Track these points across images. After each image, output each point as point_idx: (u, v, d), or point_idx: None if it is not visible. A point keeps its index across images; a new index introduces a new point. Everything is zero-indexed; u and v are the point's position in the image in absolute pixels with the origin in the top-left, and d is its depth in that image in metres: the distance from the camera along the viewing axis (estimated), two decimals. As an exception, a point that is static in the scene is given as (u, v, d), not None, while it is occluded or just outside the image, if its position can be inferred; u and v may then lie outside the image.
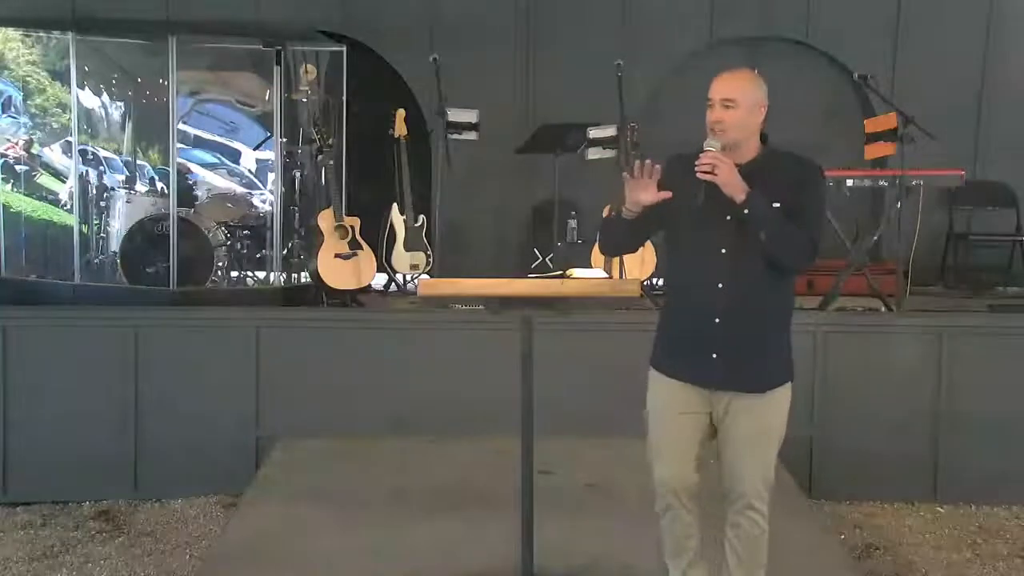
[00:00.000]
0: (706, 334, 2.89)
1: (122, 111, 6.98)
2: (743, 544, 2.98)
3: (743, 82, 2.95)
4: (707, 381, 2.92)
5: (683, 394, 2.95)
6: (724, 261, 2.87)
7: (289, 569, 3.70)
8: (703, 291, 2.89)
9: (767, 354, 2.94)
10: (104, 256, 6.46)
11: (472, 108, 6.28)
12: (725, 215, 2.86)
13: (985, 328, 5.28)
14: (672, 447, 2.97)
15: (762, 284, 2.89)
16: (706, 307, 2.88)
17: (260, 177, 7.20)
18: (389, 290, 6.61)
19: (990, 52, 7.30)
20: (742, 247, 2.85)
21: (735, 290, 2.86)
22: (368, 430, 5.07)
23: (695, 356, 2.92)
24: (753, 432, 2.93)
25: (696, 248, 2.93)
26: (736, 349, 2.89)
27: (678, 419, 2.96)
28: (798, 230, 2.85)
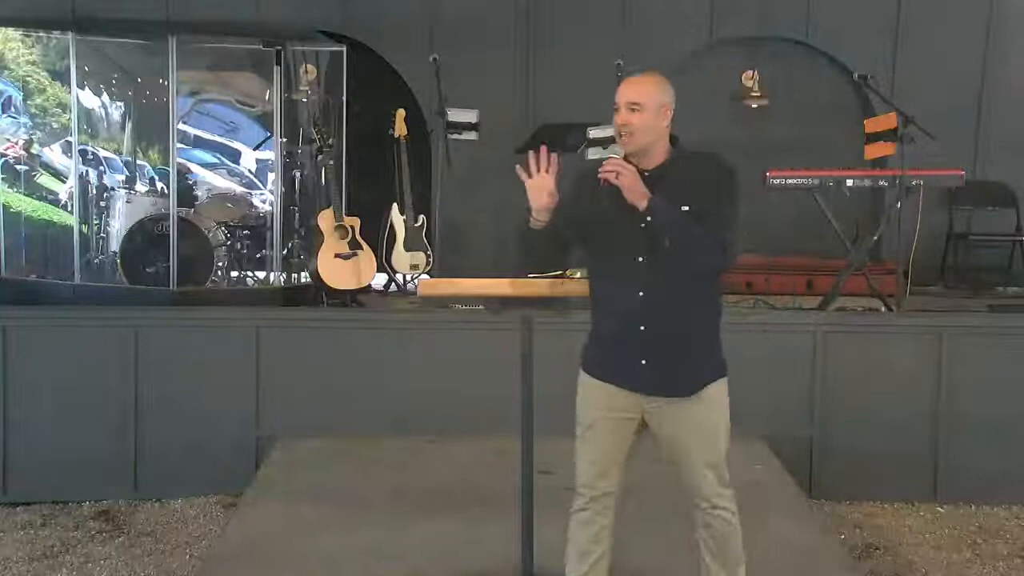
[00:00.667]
0: (633, 341, 2.87)
1: (122, 111, 6.98)
2: (718, 543, 2.99)
3: (649, 85, 2.92)
4: (638, 386, 2.91)
5: (613, 398, 2.94)
6: (642, 269, 2.85)
7: (289, 569, 3.70)
8: (625, 300, 2.87)
9: (696, 356, 2.93)
10: (104, 256, 6.46)
11: (472, 108, 6.28)
12: (639, 223, 2.83)
13: (985, 328, 5.28)
14: (598, 451, 2.97)
15: (683, 289, 2.86)
16: (630, 315, 2.87)
17: (260, 177, 7.20)
18: (389, 290, 6.61)
19: (990, 52, 7.30)
20: (658, 253, 2.82)
21: (656, 297, 2.85)
22: (368, 430, 5.07)
23: (624, 362, 2.90)
24: (694, 434, 2.93)
25: (614, 258, 2.91)
26: (664, 355, 2.87)
27: (606, 423, 2.95)
28: (705, 233, 2.80)
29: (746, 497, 4.32)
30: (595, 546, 2.99)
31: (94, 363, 5.10)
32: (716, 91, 7.33)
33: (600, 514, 2.98)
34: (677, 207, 2.81)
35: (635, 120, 2.86)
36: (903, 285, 5.67)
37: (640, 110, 2.86)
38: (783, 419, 5.13)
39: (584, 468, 2.99)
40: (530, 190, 2.88)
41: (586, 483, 2.98)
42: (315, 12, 7.13)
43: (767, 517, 4.15)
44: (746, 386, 4.98)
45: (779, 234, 7.11)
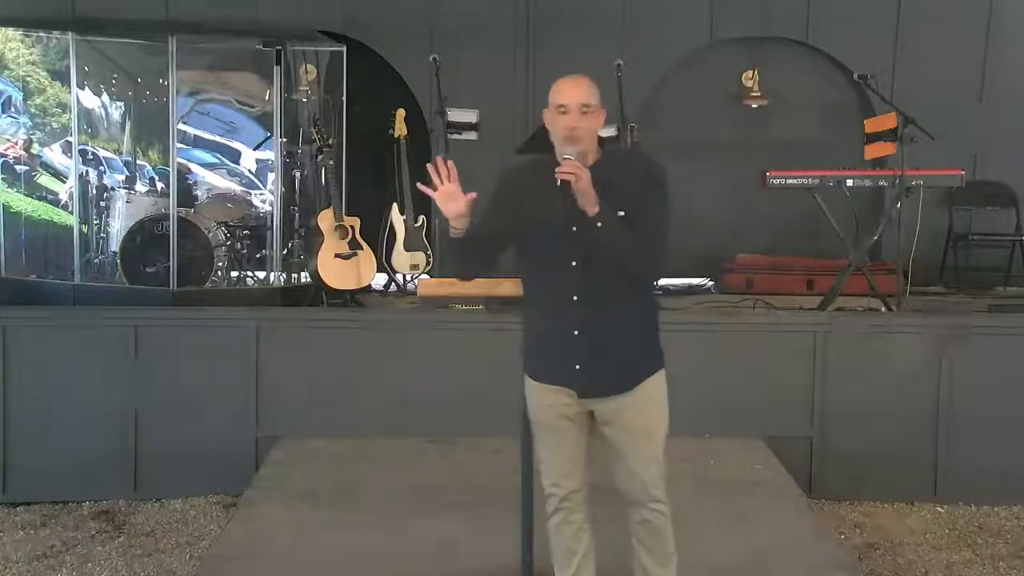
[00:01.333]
0: (567, 346, 2.86)
1: (122, 111, 6.96)
2: (653, 537, 2.98)
3: (593, 87, 2.89)
4: (575, 388, 2.90)
5: (558, 398, 2.93)
6: (575, 274, 2.82)
7: (288, 569, 3.70)
8: (559, 305, 2.85)
9: (632, 356, 2.93)
10: (104, 256, 6.45)
11: (472, 108, 6.28)
12: (571, 226, 2.78)
13: (985, 328, 5.28)
14: (558, 451, 2.97)
15: (617, 291, 2.85)
16: (563, 320, 2.85)
17: (260, 177, 7.19)
18: (389, 290, 6.61)
19: (990, 52, 7.29)
20: (592, 258, 2.80)
21: (590, 301, 2.82)
22: (368, 430, 5.06)
23: (560, 365, 2.90)
24: (634, 429, 2.93)
25: (547, 262, 2.87)
26: (598, 358, 2.86)
27: (559, 422, 2.94)
28: (643, 239, 2.78)
29: (746, 497, 4.36)
30: (577, 543, 3.00)
31: (94, 363, 5.10)
32: (716, 91, 7.33)
33: (574, 511, 2.99)
34: (615, 213, 2.76)
35: (585, 123, 2.82)
36: (903, 285, 5.67)
37: (590, 111, 2.84)
38: (783, 419, 5.14)
39: (549, 470, 3.00)
40: (441, 202, 2.81)
41: (554, 483, 2.99)
42: (315, 12, 7.13)
43: (767, 517, 4.16)
44: (746, 386, 5.07)
45: (779, 234, 7.13)
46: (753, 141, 7.37)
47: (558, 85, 2.90)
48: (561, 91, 2.87)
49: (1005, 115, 7.24)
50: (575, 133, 2.80)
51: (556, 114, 2.84)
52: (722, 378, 5.05)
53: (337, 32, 7.06)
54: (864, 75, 5.89)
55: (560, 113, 2.83)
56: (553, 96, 2.87)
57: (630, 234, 2.77)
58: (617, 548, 3.05)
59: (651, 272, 2.97)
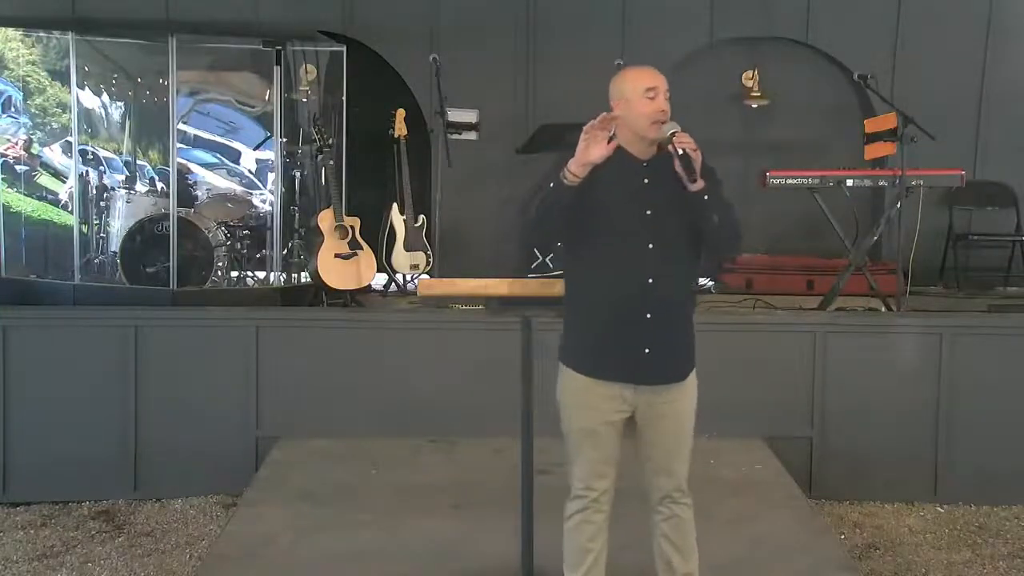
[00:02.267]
0: (637, 330, 2.88)
1: (122, 111, 6.97)
2: (680, 533, 3.01)
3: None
4: (638, 376, 2.91)
5: (608, 398, 2.93)
6: (652, 255, 2.88)
7: (289, 569, 3.70)
8: (633, 287, 2.88)
9: (687, 343, 3.01)
10: (104, 256, 6.45)
11: (472, 108, 6.28)
12: (645, 210, 2.87)
13: (985, 328, 5.28)
14: (595, 454, 2.97)
15: (684, 275, 2.99)
16: (635, 303, 2.88)
17: (260, 177, 7.19)
18: (389, 290, 6.61)
19: (990, 52, 7.29)
20: (667, 240, 2.88)
21: (664, 284, 2.88)
22: (368, 430, 5.07)
23: (625, 353, 2.90)
24: (679, 422, 2.99)
25: (622, 245, 2.90)
26: (665, 342, 2.92)
27: (604, 427, 2.95)
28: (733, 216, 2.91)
29: (746, 497, 4.36)
30: (593, 544, 3.00)
31: (94, 363, 5.10)
32: (716, 91, 7.33)
33: (597, 512, 3.00)
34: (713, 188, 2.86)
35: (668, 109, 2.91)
36: (903, 285, 5.67)
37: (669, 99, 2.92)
38: (783, 419, 5.14)
39: (582, 471, 2.99)
40: (588, 143, 2.79)
41: (586, 486, 2.98)
42: (315, 12, 7.13)
43: (767, 517, 4.16)
44: (746, 386, 5.07)
45: (779, 234, 7.13)
46: (753, 141, 7.37)
47: (640, 72, 2.97)
48: (648, 76, 2.94)
49: (1005, 115, 7.25)
50: (662, 116, 2.88)
51: (643, 98, 2.89)
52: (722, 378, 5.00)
53: (337, 32, 7.07)
54: (864, 75, 5.88)
55: (649, 98, 2.89)
56: (638, 81, 2.93)
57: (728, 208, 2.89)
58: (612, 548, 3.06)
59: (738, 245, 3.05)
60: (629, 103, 2.92)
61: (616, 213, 2.89)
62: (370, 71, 7.05)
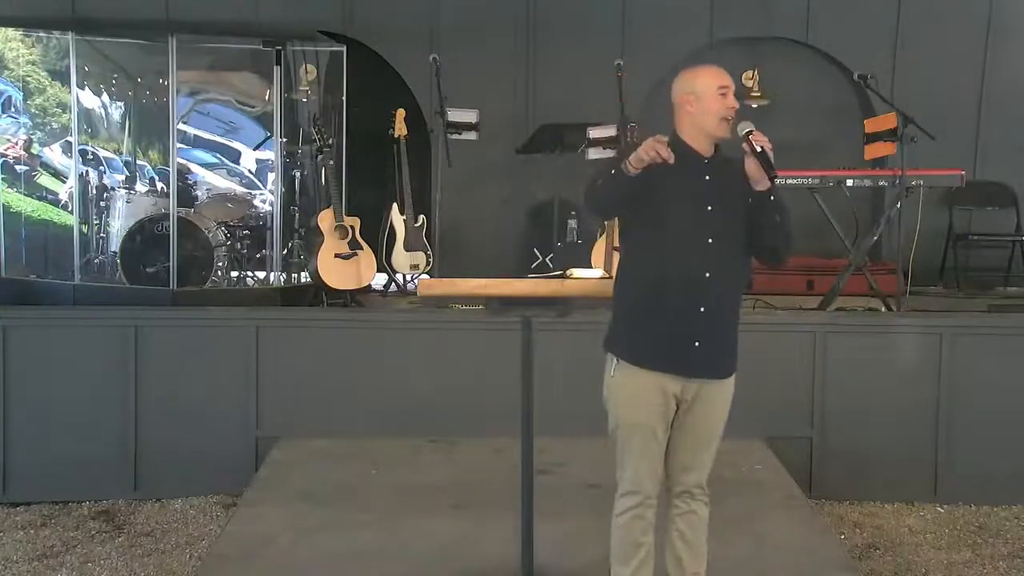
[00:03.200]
0: (691, 323, 2.91)
1: (122, 111, 6.97)
2: (694, 531, 3.03)
3: None
4: (687, 369, 2.94)
5: (663, 392, 2.95)
6: (711, 250, 2.92)
7: (289, 569, 3.70)
8: (691, 281, 2.91)
9: (734, 340, 3.04)
10: (104, 256, 6.45)
11: (472, 108, 6.28)
12: (706, 205, 2.92)
13: (985, 328, 5.28)
14: (648, 453, 2.98)
15: (739, 272, 3.04)
16: (693, 296, 2.91)
17: (260, 177, 7.20)
18: (389, 290, 6.61)
19: (990, 52, 7.29)
20: (726, 236, 2.93)
21: (720, 279, 2.93)
22: (368, 430, 5.07)
23: (677, 346, 2.93)
24: (715, 419, 3.02)
25: (682, 238, 2.93)
26: (715, 337, 2.95)
27: (654, 416, 2.97)
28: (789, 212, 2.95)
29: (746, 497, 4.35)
30: (645, 538, 3.02)
31: (94, 363, 5.10)
32: (716, 91, 7.32)
33: (649, 508, 3.02)
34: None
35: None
36: (903, 285, 5.67)
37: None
38: (783, 419, 5.13)
39: (635, 471, 2.99)
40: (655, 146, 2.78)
41: (638, 483, 2.99)
42: (315, 12, 7.13)
43: (767, 517, 4.16)
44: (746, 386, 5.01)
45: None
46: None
47: (712, 70, 3.01)
48: (719, 74, 2.99)
49: (1005, 115, 7.25)
50: (731, 113, 2.95)
51: (715, 96, 2.94)
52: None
53: (337, 32, 7.07)
54: (864, 75, 5.88)
55: (721, 95, 2.95)
56: (711, 79, 2.97)
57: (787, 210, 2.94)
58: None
59: (791, 247, 3.06)
60: (700, 100, 2.96)
61: (678, 208, 2.93)
62: (370, 71, 7.05)
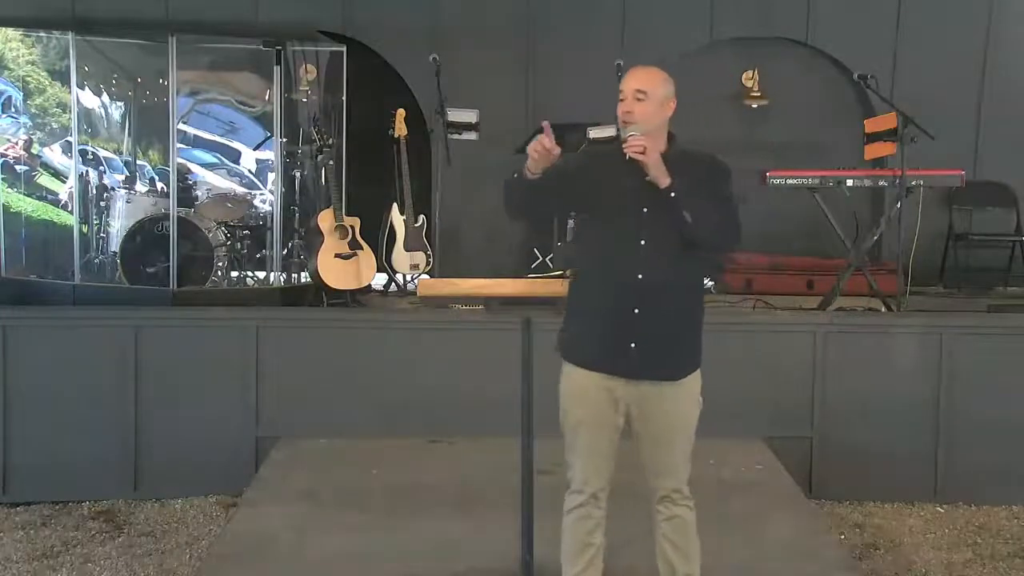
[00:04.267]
0: (625, 324, 2.91)
1: (122, 111, 6.97)
2: (681, 534, 3.02)
3: (654, 76, 2.99)
4: (625, 371, 2.93)
5: (601, 390, 2.96)
6: (643, 252, 2.91)
7: (288, 569, 3.70)
8: (622, 282, 2.91)
9: (682, 342, 3.01)
10: (104, 256, 6.45)
11: (472, 108, 6.28)
12: (642, 206, 2.90)
13: (985, 328, 5.28)
14: (592, 449, 2.99)
15: (679, 274, 2.97)
16: (625, 298, 2.91)
17: (260, 177, 7.19)
18: (389, 290, 6.61)
19: (990, 52, 7.29)
20: (660, 237, 2.90)
21: (654, 280, 2.91)
22: (368, 430, 5.07)
23: (613, 347, 2.93)
24: (672, 422, 2.99)
25: (615, 239, 2.94)
26: (654, 339, 2.93)
27: (597, 420, 2.97)
28: (715, 213, 2.91)
29: (746, 497, 4.36)
30: (592, 538, 3.03)
31: (94, 363, 5.10)
32: (716, 91, 7.33)
33: (596, 508, 3.02)
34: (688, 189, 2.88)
35: (638, 109, 2.91)
36: (903, 285, 5.67)
37: (645, 99, 2.92)
38: (783, 419, 5.14)
39: (579, 466, 3.01)
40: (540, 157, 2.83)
41: (583, 481, 3.01)
42: (315, 12, 7.13)
43: (767, 517, 4.16)
44: (746, 386, 5.07)
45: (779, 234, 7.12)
46: (753, 141, 7.37)
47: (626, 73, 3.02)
48: (624, 76, 2.99)
49: (1005, 115, 7.24)
50: (628, 117, 2.92)
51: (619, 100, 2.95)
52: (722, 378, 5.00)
53: (337, 32, 7.06)
54: (864, 75, 5.88)
55: (620, 100, 2.95)
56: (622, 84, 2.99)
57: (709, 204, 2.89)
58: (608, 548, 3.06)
59: (726, 241, 3.06)
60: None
61: (614, 208, 2.93)
62: (370, 71, 7.05)
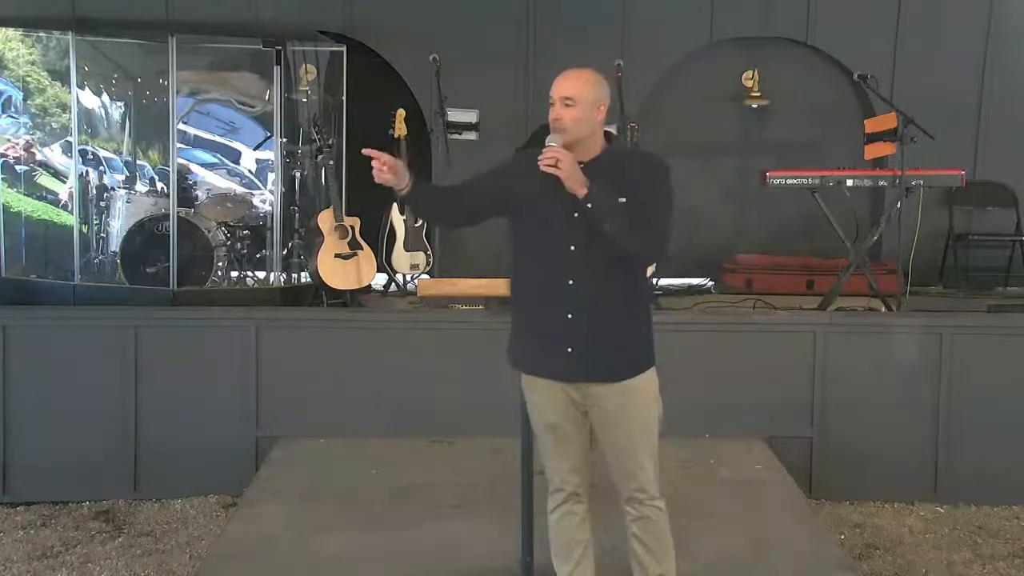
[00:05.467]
0: (558, 330, 2.91)
1: (122, 111, 6.96)
2: (650, 534, 3.01)
3: (583, 81, 2.97)
4: (563, 375, 2.94)
5: (551, 390, 2.97)
6: (573, 258, 2.90)
7: (288, 569, 3.70)
8: (553, 288, 2.91)
9: (623, 344, 2.98)
10: (104, 256, 6.45)
11: (472, 108, 6.28)
12: (572, 212, 2.88)
13: (985, 328, 5.28)
14: (559, 451, 3.00)
15: (612, 277, 2.93)
16: (557, 303, 2.91)
17: (260, 177, 7.19)
18: (389, 290, 6.61)
19: (990, 53, 7.29)
20: (590, 243, 2.88)
21: (585, 286, 2.90)
22: (368, 430, 5.07)
23: (550, 351, 2.94)
24: (626, 424, 2.96)
25: (544, 246, 2.94)
26: (589, 342, 2.91)
27: (557, 417, 2.98)
28: (643, 220, 2.86)
29: (746, 497, 4.36)
30: (581, 534, 3.04)
31: (94, 363, 5.10)
32: (716, 91, 7.33)
33: (578, 504, 3.03)
34: (611, 194, 2.85)
35: (567, 115, 2.91)
36: (903, 285, 5.67)
37: (573, 104, 2.91)
38: (783, 419, 5.14)
39: (553, 466, 3.03)
40: (382, 178, 3.10)
41: (562, 480, 3.02)
42: (315, 12, 7.13)
43: (767, 517, 4.16)
44: (746, 386, 5.07)
45: (779, 234, 7.13)
46: (753, 141, 7.37)
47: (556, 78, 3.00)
48: (553, 82, 2.98)
49: (1005, 115, 7.24)
50: (556, 124, 2.91)
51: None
52: (722, 378, 5.05)
53: (337, 32, 7.06)
54: (864, 75, 5.89)
55: (550, 105, 2.94)
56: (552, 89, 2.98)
57: (634, 217, 2.84)
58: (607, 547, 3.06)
59: (649, 253, 3.04)
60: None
61: (543, 213, 2.92)
62: (370, 71, 7.05)
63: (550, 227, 2.92)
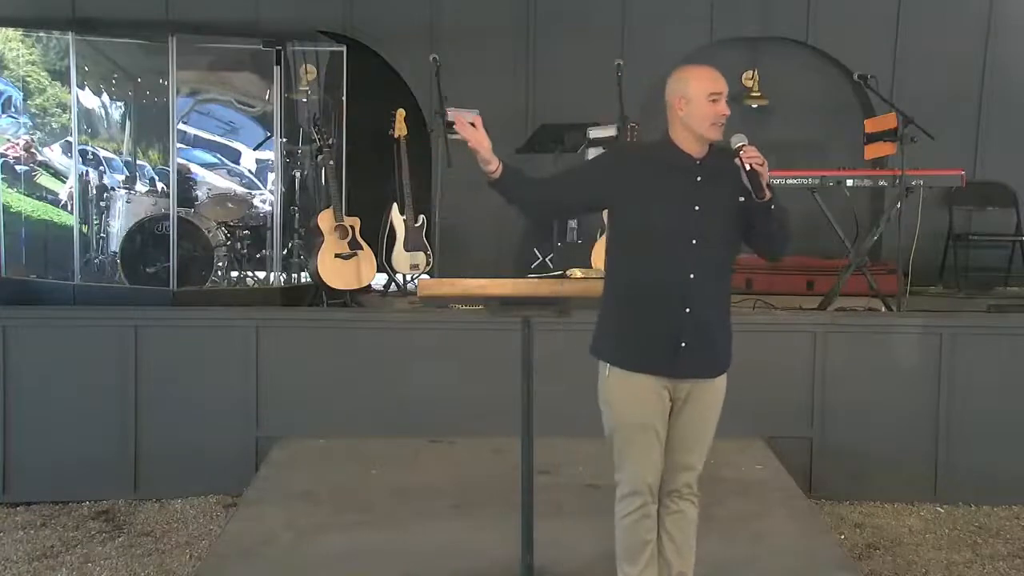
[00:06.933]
0: (676, 324, 2.92)
1: (122, 111, 6.97)
2: (682, 531, 3.04)
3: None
4: (674, 370, 2.94)
5: (651, 388, 2.96)
6: (695, 252, 2.91)
7: (288, 569, 3.70)
8: (675, 282, 2.91)
9: (724, 341, 3.03)
10: (104, 256, 6.45)
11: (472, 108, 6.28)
12: (693, 206, 2.90)
13: (985, 328, 5.28)
14: (648, 450, 2.99)
15: (724, 273, 3.01)
16: (677, 297, 2.91)
17: (260, 177, 7.19)
18: (389, 290, 6.61)
19: (989, 52, 7.30)
20: (711, 237, 2.92)
21: (704, 279, 2.92)
22: (368, 430, 5.07)
23: (664, 347, 2.93)
24: (706, 418, 3.02)
25: (664, 241, 2.93)
26: (702, 337, 2.94)
27: (652, 416, 2.97)
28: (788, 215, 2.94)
29: (746, 497, 4.36)
30: (651, 535, 3.04)
31: (94, 363, 5.10)
32: (716, 91, 7.33)
33: (653, 504, 3.03)
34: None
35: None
36: (903, 285, 5.67)
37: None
38: (783, 419, 5.14)
39: (638, 470, 3.00)
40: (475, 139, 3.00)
41: (641, 481, 2.99)
42: (315, 12, 7.13)
43: (767, 517, 4.16)
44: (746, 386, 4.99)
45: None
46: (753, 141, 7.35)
47: (704, 73, 2.98)
48: (713, 79, 2.96)
49: (1005, 115, 7.25)
50: (722, 120, 2.93)
51: (706, 102, 2.92)
52: (722, 378, 5.04)
53: (337, 32, 7.06)
54: (864, 75, 5.89)
55: (712, 101, 2.92)
56: (702, 85, 2.94)
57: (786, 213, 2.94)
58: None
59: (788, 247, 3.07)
60: (690, 104, 2.94)
61: (663, 209, 2.93)
62: (370, 71, 7.05)
63: (671, 222, 2.92)
